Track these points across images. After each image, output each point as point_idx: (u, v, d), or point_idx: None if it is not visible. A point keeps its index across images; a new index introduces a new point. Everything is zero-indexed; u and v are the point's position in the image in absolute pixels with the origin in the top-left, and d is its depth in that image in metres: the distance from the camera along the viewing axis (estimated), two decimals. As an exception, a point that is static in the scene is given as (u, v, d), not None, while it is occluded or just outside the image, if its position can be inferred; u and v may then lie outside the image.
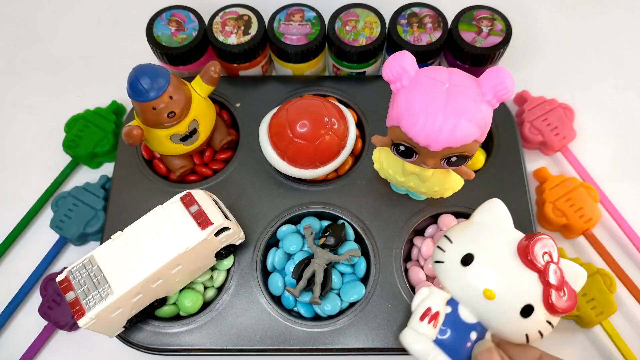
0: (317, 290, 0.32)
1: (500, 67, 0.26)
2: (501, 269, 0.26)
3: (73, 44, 0.49)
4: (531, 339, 0.25)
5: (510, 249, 0.26)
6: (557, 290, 0.25)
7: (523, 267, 0.25)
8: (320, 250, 0.33)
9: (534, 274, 0.25)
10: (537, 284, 0.25)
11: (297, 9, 0.40)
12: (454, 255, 0.27)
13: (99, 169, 0.43)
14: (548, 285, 0.25)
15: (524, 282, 0.25)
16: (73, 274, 0.30)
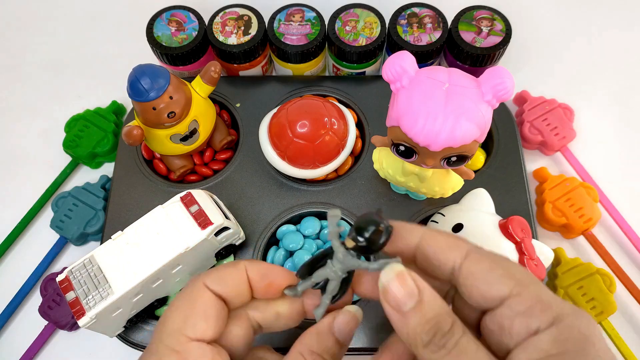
0: (325, 302, 0.23)
1: (500, 67, 0.26)
2: (485, 236, 0.31)
3: (73, 43, 0.49)
4: None
5: (493, 224, 0.31)
6: (530, 259, 0.30)
7: (503, 238, 0.30)
8: (344, 254, 0.21)
9: (512, 244, 0.30)
10: (515, 253, 0.30)
11: (297, 9, 0.40)
12: (446, 224, 0.32)
13: (99, 169, 0.43)
14: (523, 254, 0.30)
15: (504, 249, 0.30)
16: (73, 273, 0.30)
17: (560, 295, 0.35)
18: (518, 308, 0.18)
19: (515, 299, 0.18)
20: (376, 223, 0.20)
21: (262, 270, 0.23)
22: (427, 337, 0.18)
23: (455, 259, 0.20)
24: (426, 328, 0.18)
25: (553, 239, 0.39)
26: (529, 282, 0.18)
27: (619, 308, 0.35)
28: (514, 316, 0.18)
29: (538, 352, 0.17)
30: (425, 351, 0.18)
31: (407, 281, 0.19)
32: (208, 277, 0.21)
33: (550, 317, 0.17)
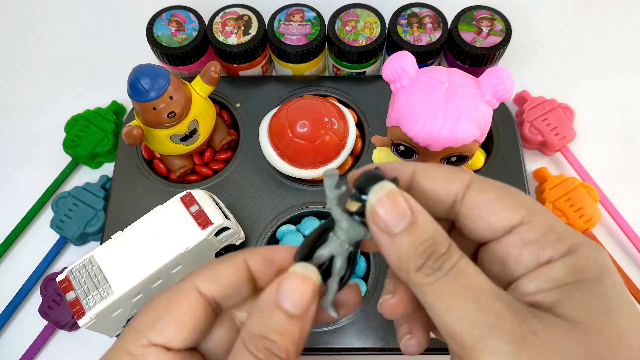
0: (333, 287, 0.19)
1: (500, 67, 0.26)
2: None
3: (73, 44, 0.49)
4: None
5: None
6: None
7: None
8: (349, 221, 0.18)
9: None
10: None
11: (297, 9, 0.40)
12: None
13: (99, 169, 0.43)
14: None
15: None
16: (73, 273, 0.30)
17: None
18: (528, 236, 0.16)
19: (525, 227, 0.16)
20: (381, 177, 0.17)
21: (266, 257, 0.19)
22: (420, 260, 0.16)
23: (457, 190, 0.18)
24: (420, 250, 0.16)
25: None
26: (540, 211, 0.17)
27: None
28: (523, 245, 0.16)
29: (551, 281, 0.15)
30: (418, 275, 0.16)
31: (398, 200, 0.17)
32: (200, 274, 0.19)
33: (565, 247, 0.16)
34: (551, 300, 0.15)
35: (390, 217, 0.16)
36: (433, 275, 0.16)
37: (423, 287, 0.16)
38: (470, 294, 0.15)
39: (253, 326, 0.17)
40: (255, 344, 0.17)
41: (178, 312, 0.18)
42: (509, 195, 0.17)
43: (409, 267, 0.16)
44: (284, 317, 0.17)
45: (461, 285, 0.15)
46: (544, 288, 0.16)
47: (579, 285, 0.15)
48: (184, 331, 0.17)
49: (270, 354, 0.16)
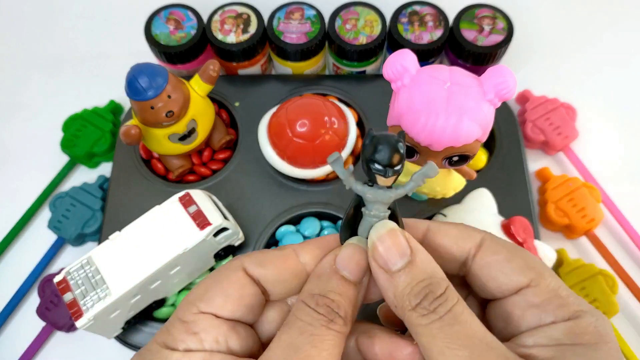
0: None
1: (502, 66, 0.25)
2: None
3: (70, 42, 0.49)
4: None
5: (495, 225, 0.31)
6: None
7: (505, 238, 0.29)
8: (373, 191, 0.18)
9: None
10: None
11: (297, 7, 0.40)
12: None
13: (97, 169, 0.43)
14: None
15: None
16: (71, 274, 0.30)
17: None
18: (533, 300, 0.17)
19: (532, 290, 0.17)
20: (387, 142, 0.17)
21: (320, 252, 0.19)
22: (416, 300, 0.16)
23: (470, 248, 0.18)
24: (416, 290, 0.16)
25: (555, 239, 0.39)
26: (547, 274, 0.18)
27: (621, 309, 0.35)
28: (527, 307, 0.17)
29: (548, 339, 0.16)
30: (413, 314, 0.16)
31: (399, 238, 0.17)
32: (248, 258, 0.19)
33: (567, 313, 0.17)
34: (545, 357, 0.16)
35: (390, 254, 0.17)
36: (428, 317, 0.16)
37: (417, 328, 0.16)
38: (463, 341, 0.15)
39: (312, 288, 0.18)
40: (317, 301, 0.17)
41: (225, 285, 0.19)
42: (518, 257, 0.18)
43: (405, 306, 0.17)
44: (341, 281, 0.18)
45: (455, 331, 0.16)
46: (541, 343, 0.16)
47: (574, 347, 0.16)
48: (230, 303, 0.18)
49: (331, 310, 0.17)
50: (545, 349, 0.16)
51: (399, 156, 0.17)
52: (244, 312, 0.19)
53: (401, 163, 0.17)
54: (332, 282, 0.18)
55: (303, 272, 0.19)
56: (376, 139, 0.17)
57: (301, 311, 0.17)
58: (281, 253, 0.19)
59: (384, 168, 0.17)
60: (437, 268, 0.17)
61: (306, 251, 0.19)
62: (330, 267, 0.18)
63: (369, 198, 0.18)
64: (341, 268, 0.18)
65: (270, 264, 0.19)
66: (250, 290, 0.19)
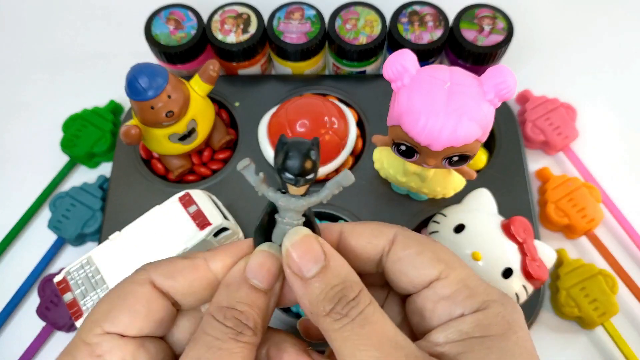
0: None
1: (502, 66, 0.25)
2: (487, 237, 0.31)
3: (71, 42, 0.49)
4: None
5: (495, 225, 0.31)
6: (533, 260, 0.30)
7: (506, 238, 0.30)
8: (283, 199, 0.18)
9: (514, 245, 0.30)
10: (517, 253, 0.30)
11: (297, 7, 0.40)
12: (447, 225, 0.32)
13: (97, 169, 0.43)
14: (525, 255, 0.30)
15: (506, 249, 0.30)
16: (71, 274, 0.30)
17: (563, 296, 0.34)
18: (443, 292, 0.17)
19: (441, 282, 0.17)
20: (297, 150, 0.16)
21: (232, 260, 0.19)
22: (329, 305, 0.16)
23: (383, 245, 0.18)
24: (329, 295, 0.16)
25: (555, 239, 0.39)
26: (457, 265, 0.18)
27: (621, 309, 0.35)
28: (438, 300, 0.17)
29: (458, 333, 0.16)
30: (327, 320, 0.16)
31: (312, 245, 0.17)
32: (156, 269, 0.18)
33: (475, 304, 0.17)
34: (455, 353, 0.16)
35: (303, 261, 0.17)
36: (340, 321, 0.16)
37: (331, 333, 0.16)
38: (373, 341, 0.15)
39: (221, 300, 0.17)
40: (224, 314, 0.17)
41: (131, 301, 0.18)
42: (428, 250, 0.18)
43: (319, 312, 0.16)
44: (251, 290, 0.17)
45: (366, 332, 0.16)
46: (452, 339, 0.16)
47: (483, 340, 0.16)
48: (137, 319, 0.17)
49: (239, 323, 0.17)
50: (456, 345, 0.16)
51: (310, 164, 0.16)
52: (153, 327, 0.18)
53: (313, 172, 0.17)
54: (241, 291, 0.17)
55: (214, 281, 0.19)
56: (287, 147, 0.16)
57: (209, 325, 0.17)
58: (191, 263, 0.19)
59: (294, 177, 0.16)
60: (350, 272, 0.17)
61: (217, 259, 0.19)
62: (240, 275, 0.18)
63: (281, 206, 0.18)
64: (251, 277, 0.18)
65: (180, 276, 0.18)
66: (159, 305, 0.18)
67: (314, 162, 0.16)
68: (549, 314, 0.36)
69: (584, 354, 0.35)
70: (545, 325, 0.35)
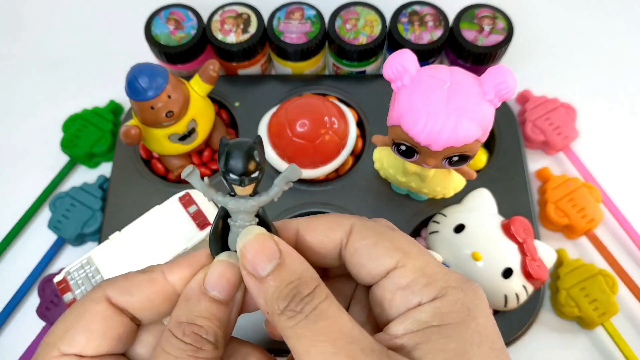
0: None
1: (502, 66, 0.25)
2: (487, 237, 0.31)
3: (70, 42, 0.49)
4: (509, 299, 0.30)
5: (495, 225, 0.31)
6: (533, 260, 0.30)
7: (506, 238, 0.31)
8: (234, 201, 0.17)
9: (514, 245, 0.30)
10: (517, 253, 0.30)
11: (297, 7, 0.40)
12: (447, 225, 0.32)
13: (97, 169, 0.43)
14: (525, 255, 0.30)
15: (506, 249, 0.30)
16: (71, 274, 0.30)
17: (563, 296, 0.34)
18: (400, 281, 0.17)
19: (398, 271, 0.17)
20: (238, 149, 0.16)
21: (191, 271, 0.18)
22: (283, 303, 0.16)
23: (340, 237, 0.18)
24: (284, 292, 0.16)
25: (555, 239, 0.39)
26: (415, 253, 0.17)
27: (621, 309, 0.35)
28: (395, 290, 0.17)
29: (417, 323, 0.16)
30: (281, 318, 0.16)
31: (266, 242, 0.17)
32: (112, 286, 0.18)
33: (433, 291, 0.16)
34: (413, 343, 0.16)
35: (258, 260, 0.16)
36: (294, 319, 0.16)
37: (286, 331, 0.16)
38: (327, 337, 0.15)
39: (180, 315, 0.17)
40: (183, 330, 0.16)
41: (87, 320, 0.17)
42: (385, 239, 0.17)
43: (274, 311, 0.16)
44: (210, 303, 0.17)
45: (319, 328, 0.15)
46: (410, 330, 0.16)
47: (441, 328, 0.15)
48: (94, 338, 0.17)
49: (199, 338, 0.16)
50: (414, 335, 0.16)
51: (254, 163, 0.16)
52: (112, 345, 0.17)
53: (258, 170, 0.17)
54: (201, 305, 0.17)
55: (173, 294, 0.18)
56: (228, 147, 0.16)
57: (168, 343, 0.17)
58: (148, 277, 0.18)
59: (239, 177, 0.16)
60: (307, 268, 0.17)
61: (175, 271, 0.18)
62: (198, 288, 0.17)
63: (231, 209, 0.18)
64: (210, 289, 0.17)
65: (137, 291, 0.18)
66: (117, 322, 0.18)
67: (257, 161, 0.16)
68: (549, 314, 0.36)
69: (584, 354, 0.35)
70: (545, 325, 0.35)
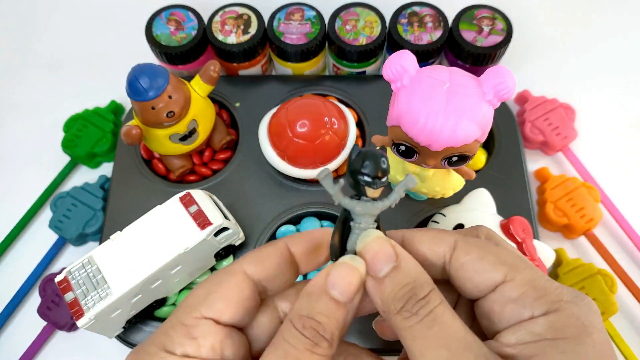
0: None
1: (501, 67, 0.26)
2: None
3: (72, 43, 0.49)
4: None
5: (494, 225, 0.31)
6: (532, 260, 0.29)
7: (505, 238, 0.30)
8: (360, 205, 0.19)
9: (513, 245, 0.29)
10: None
11: (297, 7, 0.40)
12: (446, 224, 0.32)
13: (98, 169, 0.43)
14: (524, 254, 0.29)
15: None
16: (72, 274, 0.30)
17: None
18: (510, 294, 0.17)
19: (507, 285, 0.17)
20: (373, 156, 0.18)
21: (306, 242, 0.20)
22: (399, 303, 0.17)
23: (444, 252, 0.19)
24: (400, 294, 0.17)
25: (554, 239, 0.39)
26: (522, 267, 0.18)
27: (620, 308, 0.35)
28: (505, 303, 0.17)
29: (530, 335, 0.16)
30: (397, 318, 0.17)
31: (385, 245, 0.18)
32: (246, 258, 0.20)
33: (546, 305, 0.16)
34: (527, 355, 0.16)
35: (376, 261, 0.18)
36: (410, 320, 0.16)
37: (401, 331, 0.17)
38: (442, 342, 0.16)
39: (301, 308, 0.18)
40: (303, 323, 0.17)
41: (226, 289, 0.19)
42: (490, 254, 0.18)
43: (390, 310, 0.17)
44: (330, 302, 0.18)
45: (434, 332, 0.16)
46: (523, 340, 0.16)
47: (557, 342, 0.16)
48: (231, 307, 0.19)
49: (316, 334, 0.17)
50: (528, 346, 0.16)
51: (385, 169, 0.18)
52: (242, 315, 0.19)
53: (386, 176, 0.19)
54: (321, 302, 0.18)
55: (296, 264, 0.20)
56: (363, 154, 0.19)
57: (288, 332, 0.17)
58: (274, 248, 0.20)
59: (372, 180, 0.18)
60: (421, 272, 0.18)
61: (296, 243, 0.20)
62: (321, 285, 0.18)
63: (358, 211, 0.19)
64: (331, 288, 0.18)
65: (268, 260, 0.20)
66: (250, 293, 0.19)
67: (386, 168, 0.18)
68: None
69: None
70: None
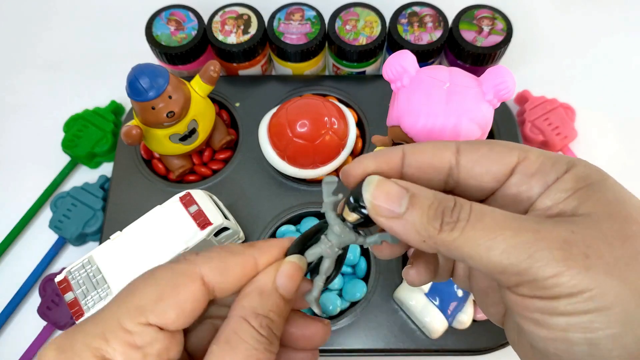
0: (319, 284, 0.20)
1: (501, 67, 0.26)
2: None
3: (72, 43, 0.49)
4: None
5: None
6: None
7: None
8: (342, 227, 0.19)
9: None
10: None
11: (297, 8, 0.40)
12: None
13: (98, 169, 0.43)
14: None
15: None
16: (72, 274, 0.30)
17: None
18: (529, 170, 0.18)
19: (523, 164, 0.18)
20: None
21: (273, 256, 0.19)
22: (437, 222, 0.16)
23: (449, 156, 0.19)
24: (431, 214, 0.16)
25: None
26: (530, 147, 0.18)
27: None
28: (528, 179, 0.18)
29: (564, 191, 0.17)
30: (442, 235, 0.16)
31: (388, 186, 0.17)
32: (208, 265, 0.18)
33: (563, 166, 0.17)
34: (572, 206, 0.16)
35: (391, 202, 0.17)
36: (456, 229, 0.16)
37: (454, 243, 0.16)
38: (499, 225, 0.16)
39: (255, 306, 0.18)
40: (260, 322, 0.17)
41: (182, 297, 0.17)
42: (497, 144, 0.18)
43: (431, 233, 0.16)
44: (280, 299, 0.18)
45: (487, 223, 0.16)
46: (560, 199, 0.17)
47: (589, 187, 0.17)
48: (182, 317, 0.17)
49: (271, 332, 0.18)
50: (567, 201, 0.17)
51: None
52: (190, 322, 0.18)
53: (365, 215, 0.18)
54: (272, 300, 0.18)
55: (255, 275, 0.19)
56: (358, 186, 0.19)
57: (245, 332, 0.17)
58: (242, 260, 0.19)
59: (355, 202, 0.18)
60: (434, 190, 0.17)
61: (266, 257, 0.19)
62: (271, 283, 0.18)
63: (335, 230, 0.19)
64: (280, 285, 0.18)
65: (231, 273, 0.18)
66: (204, 302, 0.18)
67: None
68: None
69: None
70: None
